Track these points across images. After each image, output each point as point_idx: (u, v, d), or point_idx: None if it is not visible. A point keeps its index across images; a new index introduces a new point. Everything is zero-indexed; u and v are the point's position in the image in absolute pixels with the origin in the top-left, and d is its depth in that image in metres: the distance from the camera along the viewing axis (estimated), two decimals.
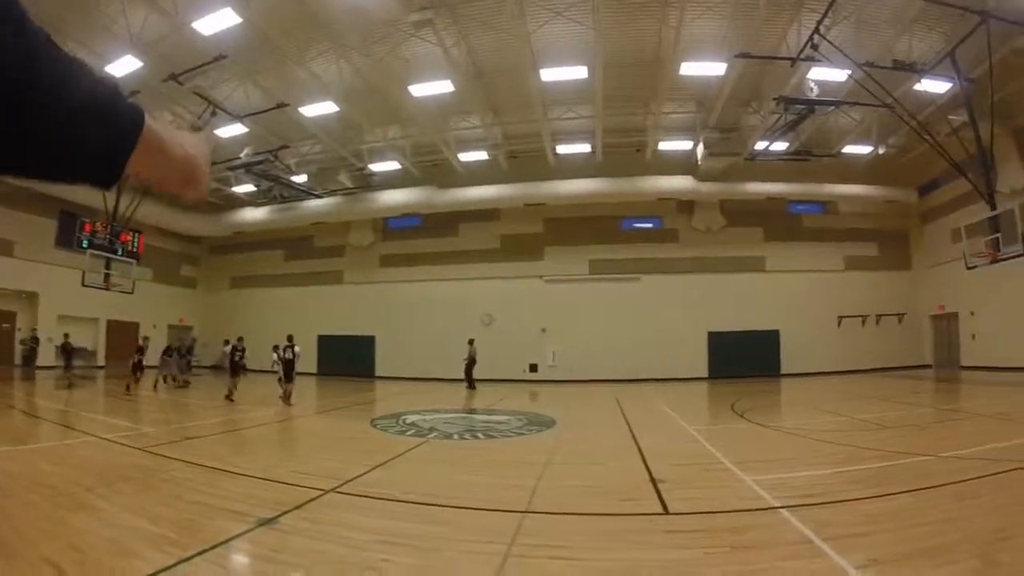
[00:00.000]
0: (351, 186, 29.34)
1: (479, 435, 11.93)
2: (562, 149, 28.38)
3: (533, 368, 30.46)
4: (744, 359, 28.55)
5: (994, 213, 18.13)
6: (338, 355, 33.10)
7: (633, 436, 11.99)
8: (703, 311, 29.81)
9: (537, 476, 7.94)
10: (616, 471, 8.77)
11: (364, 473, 7.88)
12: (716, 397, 20.91)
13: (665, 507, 6.51)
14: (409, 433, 11.93)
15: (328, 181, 29.08)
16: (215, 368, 33.63)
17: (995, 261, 18.24)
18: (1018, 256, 17.24)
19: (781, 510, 6.10)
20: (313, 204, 30.45)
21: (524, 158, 29.35)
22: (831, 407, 16.37)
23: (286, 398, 17.54)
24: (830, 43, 18.18)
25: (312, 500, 6.35)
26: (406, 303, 32.24)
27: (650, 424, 14.15)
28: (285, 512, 5.78)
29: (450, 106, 24.46)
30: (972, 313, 27.72)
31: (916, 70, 20.15)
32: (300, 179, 28.33)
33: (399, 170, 29.50)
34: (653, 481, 7.73)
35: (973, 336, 28.17)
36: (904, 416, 14.39)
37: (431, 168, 29.83)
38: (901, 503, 6.77)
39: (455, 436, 11.75)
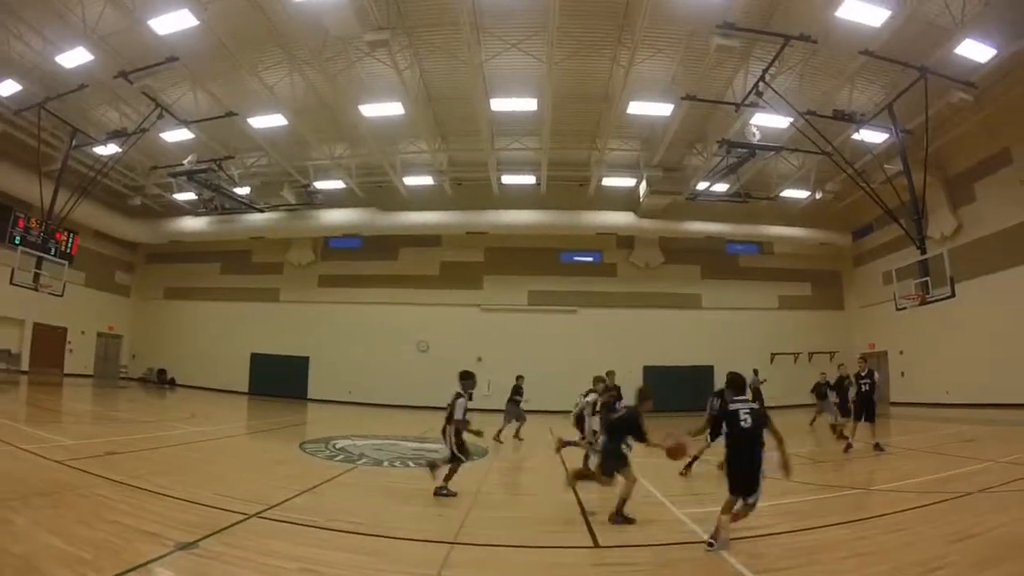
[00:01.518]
0: (294, 202, 28.76)
1: (409, 463, 11.79)
2: (507, 179, 28.49)
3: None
4: (679, 393, 28.77)
5: (924, 257, 18.80)
6: (271, 375, 32.24)
7: (565, 467, 11.97)
8: (639, 345, 30.01)
9: (467, 506, 7.92)
10: (547, 502, 8.82)
11: (290, 498, 7.71)
12: (651, 430, 20.91)
13: (595, 540, 6.56)
14: (339, 458, 11.79)
15: (271, 195, 28.51)
16: (143, 381, 32.72)
17: (924, 303, 18.89)
18: (946, 299, 17.92)
19: (713, 543, 6.07)
20: (254, 218, 29.65)
21: (469, 186, 29.38)
22: (764, 441, 16.54)
23: None
24: (774, 91, 18.76)
25: (234, 524, 6.15)
26: (342, 325, 31.72)
27: (583, 456, 14.15)
28: (206, 536, 5.57)
29: (399, 129, 24.34)
30: (901, 352, 28.95)
31: (855, 120, 20.94)
32: (243, 191, 27.62)
33: (343, 189, 29.16)
34: (584, 513, 7.80)
35: (902, 374, 29.42)
36: (837, 450, 14.85)
37: (375, 189, 29.53)
38: (833, 535, 6.97)
39: (385, 463, 11.65)
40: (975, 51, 17.97)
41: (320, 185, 28.59)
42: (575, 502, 8.55)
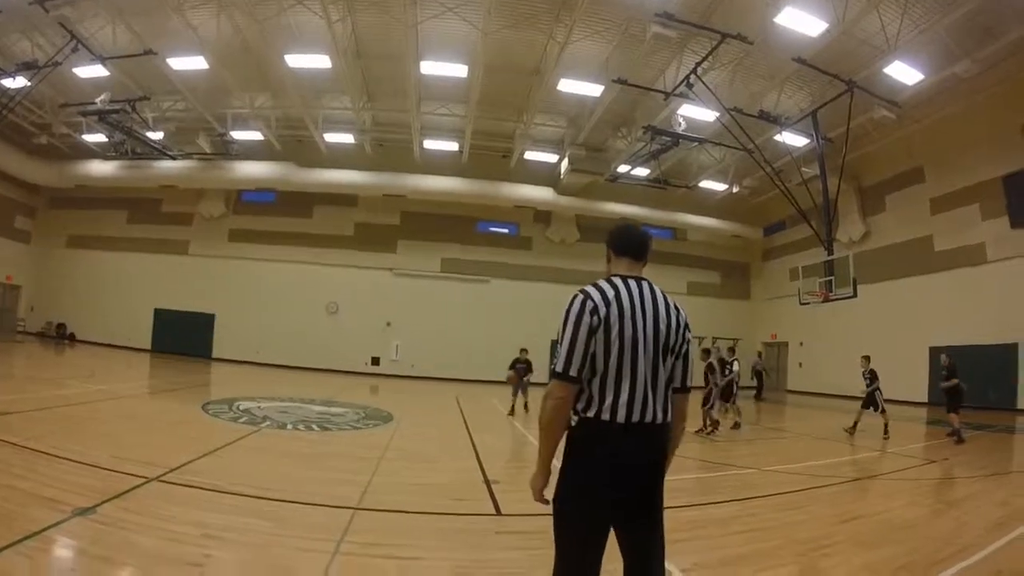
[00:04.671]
0: (209, 151, 27.64)
1: (314, 427, 11.66)
2: (429, 144, 28.18)
3: (375, 361, 30.02)
4: None
5: (831, 258, 19.61)
6: (175, 332, 30.92)
7: (470, 435, 12.14)
8: (549, 319, 30.05)
9: (371, 472, 7.92)
10: (451, 470, 8.91)
11: (191, 461, 7.52)
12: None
13: (497, 508, 6.72)
14: (242, 420, 11.53)
15: (185, 143, 27.27)
16: (42, 336, 31.19)
17: (827, 300, 19.79)
18: (848, 298, 18.82)
19: None
20: (166, 165, 28.22)
21: (390, 147, 28.94)
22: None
23: None
24: (705, 85, 19.14)
25: (134, 489, 5.97)
26: (250, 283, 30.78)
27: (487, 424, 14.47)
28: (104, 501, 5.40)
29: (324, 83, 23.76)
30: (801, 344, 30.65)
31: (779, 123, 21.85)
32: (156, 136, 26.28)
33: (260, 142, 28.17)
34: (487, 481, 7.93)
35: (800, 364, 31.65)
36: (732, 432, 15.47)
37: (294, 144, 28.71)
38: (724, 512, 7.38)
39: (289, 426, 11.43)
40: (903, 73, 19.19)
41: (237, 135, 27.53)
42: (478, 469, 8.74)
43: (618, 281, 2.99)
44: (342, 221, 31.28)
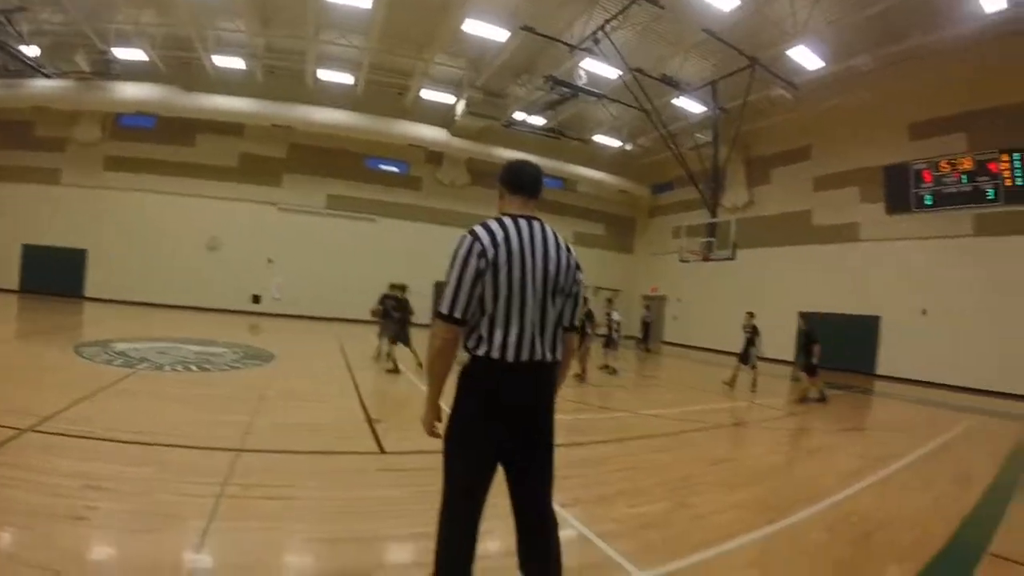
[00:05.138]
0: (87, 70, 25.39)
1: (193, 367, 11.32)
2: (324, 74, 27.01)
3: (256, 299, 28.92)
4: None
5: (714, 221, 20.40)
6: (46, 270, 27.90)
7: (352, 375, 12.13)
8: (434, 261, 29.84)
9: (252, 412, 7.86)
10: (333, 409, 8.97)
11: (66, 409, 7.18)
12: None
13: (380, 446, 6.83)
14: (117, 363, 10.98)
15: (62, 60, 24.86)
16: None
17: (706, 260, 20.64)
18: (726, 260, 19.75)
19: None
20: (40, 84, 25.45)
21: (282, 75, 27.49)
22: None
23: None
24: (611, 43, 19.19)
25: (6, 441, 5.67)
26: (126, 215, 28.40)
27: (370, 364, 14.38)
28: None
29: (218, 2, 22.23)
30: (678, 299, 31.96)
31: (679, 88, 22.40)
32: (30, 51, 23.84)
33: (144, 62, 25.91)
34: (369, 420, 8.05)
35: (675, 317, 33.29)
36: (610, 379, 16.14)
37: (180, 66, 26.65)
38: (604, 451, 7.76)
39: (167, 368, 11.03)
40: (805, 58, 20.10)
41: (120, 53, 25.17)
42: (360, 408, 8.83)
43: (508, 222, 3.01)
44: (226, 151, 29.47)
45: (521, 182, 3.23)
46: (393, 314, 14.45)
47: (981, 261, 20.77)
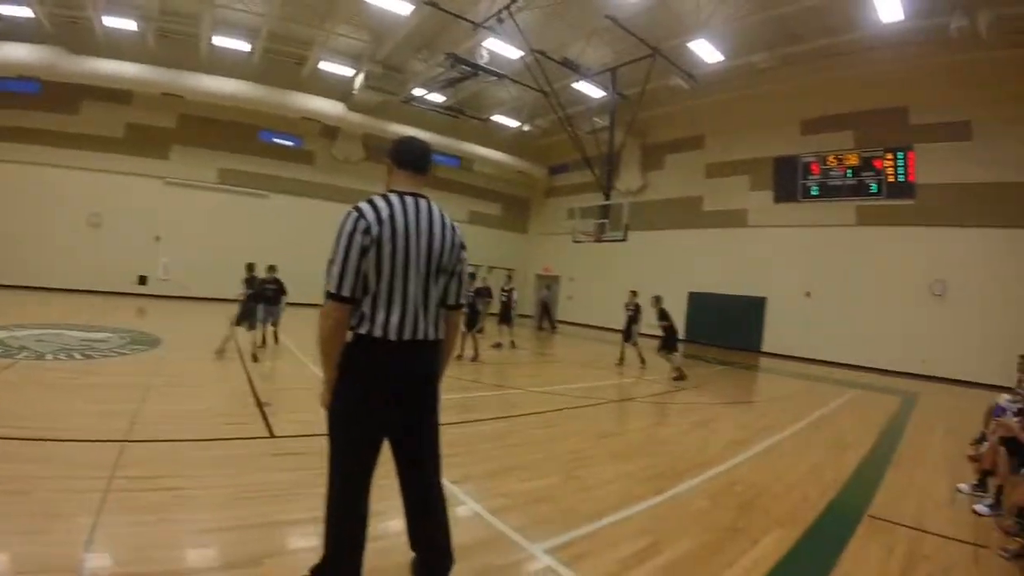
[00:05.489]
0: None
1: (76, 355, 10.59)
2: (219, 41, 25.23)
3: (142, 280, 26.64)
4: None
5: (607, 203, 20.73)
6: None
7: (241, 358, 11.79)
8: (329, 237, 29.04)
9: (139, 401, 7.46)
10: (222, 395, 8.70)
11: None
12: None
13: (270, 430, 6.69)
14: None
15: None
16: None
17: (598, 241, 20.91)
18: (619, 241, 20.09)
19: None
20: None
21: (175, 40, 25.70)
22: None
23: None
24: (515, 23, 19.09)
25: None
26: (2, 188, 25.41)
27: (259, 350, 13.94)
28: None
29: None
30: (572, 279, 32.37)
31: (580, 72, 22.51)
32: None
33: (29, 19, 23.34)
34: (259, 404, 7.84)
35: (569, 297, 33.83)
36: (504, 356, 16.30)
37: (68, 25, 24.20)
38: (494, 428, 7.85)
39: (49, 356, 10.25)
40: (706, 52, 20.51)
41: (2, 8, 22.81)
42: (250, 393, 8.60)
43: (395, 199, 2.99)
44: (112, 121, 26.89)
45: (408, 158, 3.21)
46: (274, 298, 14.26)
47: (861, 249, 22.14)
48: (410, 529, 3.16)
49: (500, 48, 21.33)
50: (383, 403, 2.92)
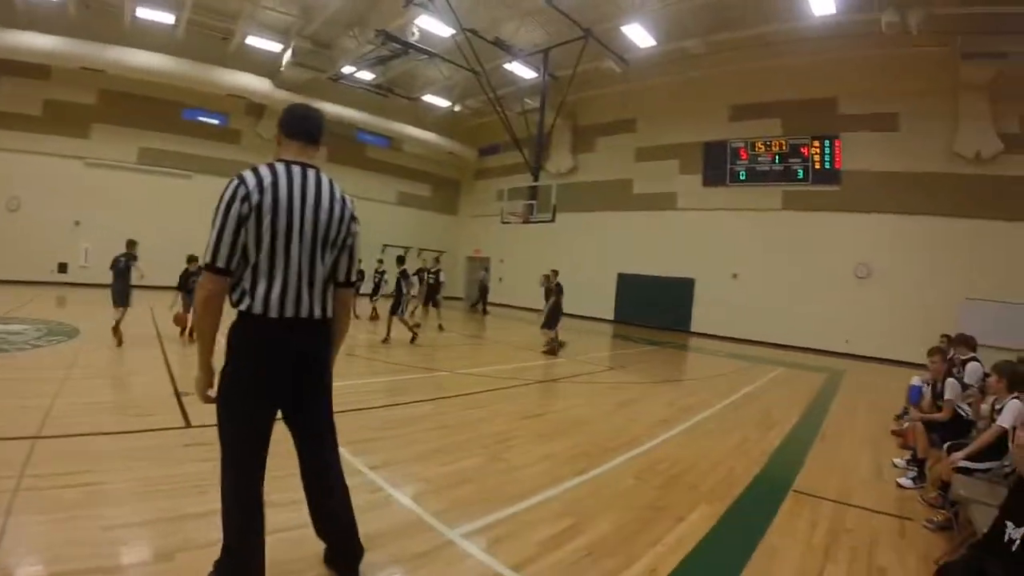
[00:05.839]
0: None
1: None
2: (143, 12, 24.00)
3: (63, 268, 25.20)
4: None
5: (535, 184, 20.74)
6: None
7: (162, 347, 11.40)
8: None
9: (53, 395, 7.07)
10: (140, 385, 8.32)
11: None
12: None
13: (187, 420, 6.43)
14: None
15: None
16: None
17: (527, 222, 20.94)
18: (547, 222, 20.12)
19: None
20: None
21: (96, 11, 24.19)
22: (369, 327, 17.63)
23: None
24: (447, 0, 18.82)
25: None
26: None
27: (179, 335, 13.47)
28: None
29: None
30: (502, 261, 32.50)
31: (512, 53, 22.50)
32: None
33: None
34: (177, 395, 7.52)
35: (500, 279, 33.85)
36: (434, 338, 16.13)
37: None
38: (421, 410, 7.82)
39: None
40: (638, 36, 20.57)
41: None
42: (169, 382, 8.25)
43: (280, 167, 2.85)
44: (29, 97, 25.09)
45: (298, 127, 3.04)
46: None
47: (788, 232, 22.74)
48: (313, 511, 3.08)
49: (431, 26, 21.04)
50: (266, 385, 2.80)
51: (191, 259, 13.79)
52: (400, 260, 15.66)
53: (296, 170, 2.86)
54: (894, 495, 5.80)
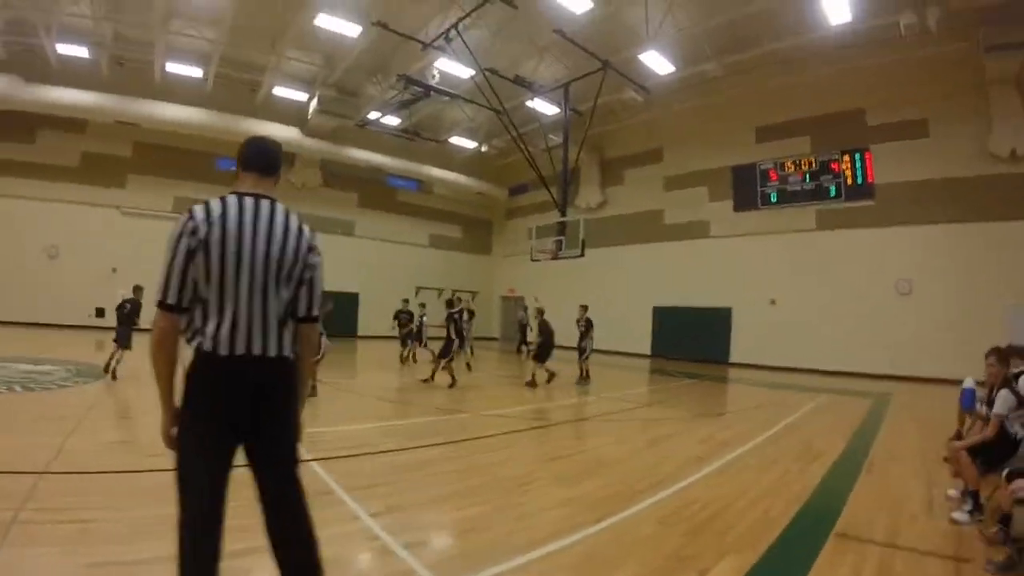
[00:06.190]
0: None
1: (16, 387, 10.16)
2: (173, 68, 24.83)
3: (100, 313, 25.28)
4: (327, 319, 28.44)
5: (562, 220, 20.45)
6: None
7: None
8: None
9: (68, 432, 7.13)
10: (153, 425, 8.11)
11: None
12: None
13: None
14: None
15: None
16: None
17: (555, 258, 20.72)
18: (576, 257, 19.89)
19: (312, 463, 6.30)
20: None
21: (130, 68, 25.14)
22: (399, 367, 17.80)
23: None
24: (464, 41, 18.91)
25: None
26: None
27: None
28: None
29: None
30: (536, 299, 31.46)
31: (533, 89, 22.55)
32: None
33: None
34: None
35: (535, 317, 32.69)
36: (462, 379, 15.48)
37: (21, 53, 23.61)
38: (436, 453, 7.45)
39: None
40: (656, 63, 20.60)
41: None
42: None
43: (231, 199, 2.74)
44: (68, 149, 26.26)
45: (253, 160, 2.94)
46: None
47: (824, 252, 22.24)
48: (273, 549, 2.80)
49: (451, 68, 21.20)
50: (221, 427, 2.62)
51: None
52: (450, 303, 15.56)
53: (248, 202, 2.73)
54: (949, 532, 5.21)
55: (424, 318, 19.53)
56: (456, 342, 14.73)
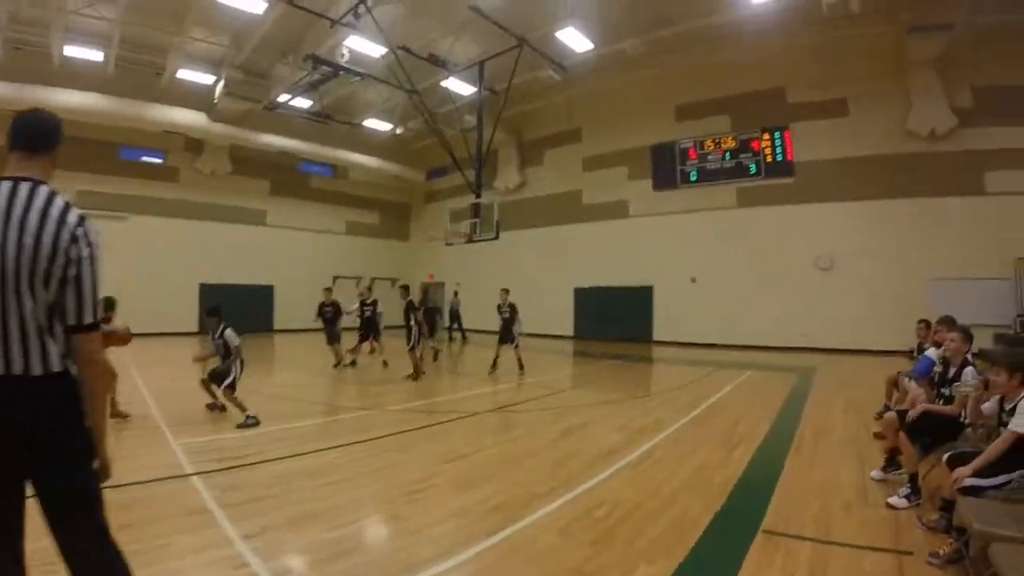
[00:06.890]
0: None
1: None
2: (71, 52, 22.69)
3: None
4: (240, 313, 27.04)
5: (476, 203, 20.02)
6: None
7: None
8: (197, 260, 27.37)
9: None
10: None
11: None
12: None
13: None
14: None
15: None
16: None
17: (470, 242, 20.26)
18: (490, 240, 19.39)
19: (193, 477, 5.76)
20: None
21: (26, 53, 22.91)
22: (309, 362, 16.99)
23: None
24: (373, 18, 17.93)
25: None
26: None
27: None
28: None
29: None
30: (457, 284, 30.76)
31: (448, 68, 21.67)
32: None
33: None
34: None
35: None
36: (379, 374, 14.93)
37: None
38: (328, 458, 6.81)
39: None
40: (575, 40, 19.51)
41: None
42: None
43: None
44: None
45: (14, 135, 2.47)
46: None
47: (745, 230, 22.32)
48: None
49: (362, 47, 20.10)
50: None
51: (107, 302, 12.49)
52: (405, 290, 14.97)
53: (4, 187, 2.24)
54: (886, 520, 4.80)
55: (377, 309, 17.23)
56: (416, 330, 14.11)
